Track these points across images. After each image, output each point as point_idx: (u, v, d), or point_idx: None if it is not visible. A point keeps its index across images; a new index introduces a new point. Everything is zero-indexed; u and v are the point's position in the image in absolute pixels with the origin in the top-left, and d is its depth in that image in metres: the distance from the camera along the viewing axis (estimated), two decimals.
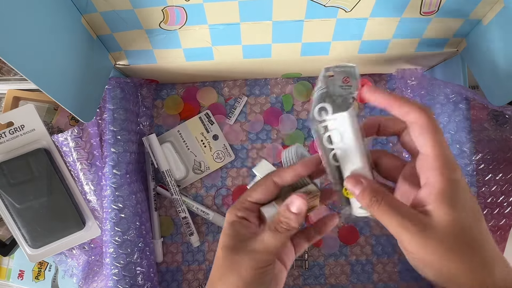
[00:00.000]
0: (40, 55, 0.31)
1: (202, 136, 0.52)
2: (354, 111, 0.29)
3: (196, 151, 0.52)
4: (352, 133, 0.29)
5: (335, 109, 0.29)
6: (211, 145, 0.52)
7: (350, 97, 0.30)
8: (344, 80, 0.30)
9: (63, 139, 0.45)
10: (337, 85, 0.30)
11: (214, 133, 0.52)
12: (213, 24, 0.38)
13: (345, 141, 0.29)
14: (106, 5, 0.35)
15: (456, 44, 0.43)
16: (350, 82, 0.30)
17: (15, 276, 0.52)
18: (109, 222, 0.44)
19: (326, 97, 0.30)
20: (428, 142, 0.26)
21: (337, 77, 0.30)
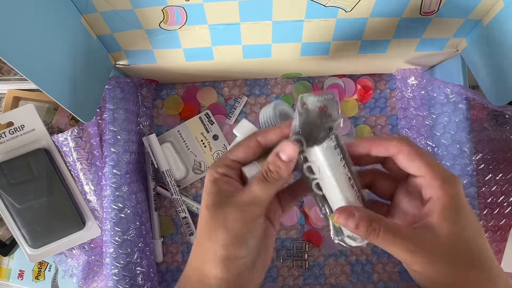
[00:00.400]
0: (40, 55, 0.31)
1: (202, 136, 0.52)
2: (332, 142, 0.28)
3: (196, 151, 0.52)
4: (328, 167, 0.28)
5: (309, 142, 0.28)
6: (211, 145, 0.52)
7: (326, 128, 0.28)
8: (321, 109, 0.28)
9: (63, 139, 0.45)
10: (314, 116, 0.28)
11: (214, 133, 0.52)
12: (213, 24, 0.38)
13: (323, 174, 0.28)
14: (106, 5, 0.35)
15: (456, 44, 0.43)
16: (329, 111, 0.28)
17: (15, 276, 0.52)
18: (109, 222, 0.44)
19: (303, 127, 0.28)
20: (421, 166, 0.26)
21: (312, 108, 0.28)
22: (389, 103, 0.52)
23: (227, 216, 0.27)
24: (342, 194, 0.28)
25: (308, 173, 0.28)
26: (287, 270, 0.51)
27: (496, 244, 0.45)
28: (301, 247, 0.50)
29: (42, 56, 0.32)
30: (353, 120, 0.52)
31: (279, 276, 0.50)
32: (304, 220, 0.51)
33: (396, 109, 0.52)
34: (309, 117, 0.28)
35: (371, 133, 0.52)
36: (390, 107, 0.52)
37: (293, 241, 0.51)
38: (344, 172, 0.28)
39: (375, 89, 0.52)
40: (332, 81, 0.52)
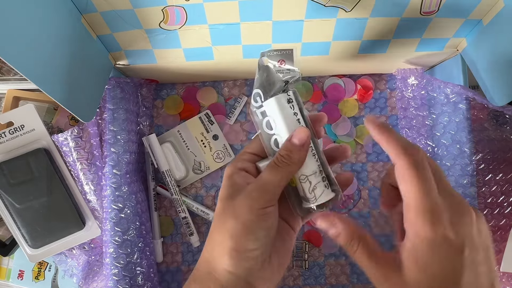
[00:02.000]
0: (40, 55, 0.31)
1: (202, 136, 0.52)
2: (286, 96, 0.28)
3: (196, 151, 0.52)
4: (282, 119, 0.28)
5: (268, 95, 0.28)
6: (211, 145, 0.52)
7: (283, 81, 0.29)
8: (280, 63, 0.29)
9: (63, 139, 0.45)
10: (273, 70, 0.29)
11: (214, 133, 0.52)
12: (213, 24, 0.38)
13: (278, 127, 0.28)
14: (106, 5, 0.35)
15: (456, 44, 0.43)
16: (286, 64, 0.29)
17: (15, 276, 0.52)
18: (109, 222, 0.44)
19: (262, 82, 0.29)
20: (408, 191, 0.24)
21: (272, 61, 0.29)
22: (389, 103, 0.52)
23: (236, 205, 0.27)
24: None
25: (267, 128, 0.29)
26: (287, 270, 0.51)
27: (496, 244, 0.45)
28: (301, 247, 0.50)
29: (42, 56, 0.32)
30: (353, 120, 0.52)
31: None
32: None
33: (396, 109, 0.52)
34: (268, 71, 0.29)
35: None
36: (390, 107, 0.52)
37: None
38: (297, 126, 0.28)
39: (375, 89, 0.52)
40: (332, 81, 0.52)
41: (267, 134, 0.29)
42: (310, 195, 0.28)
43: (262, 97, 0.28)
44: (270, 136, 0.29)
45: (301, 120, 0.28)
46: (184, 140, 0.52)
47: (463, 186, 0.42)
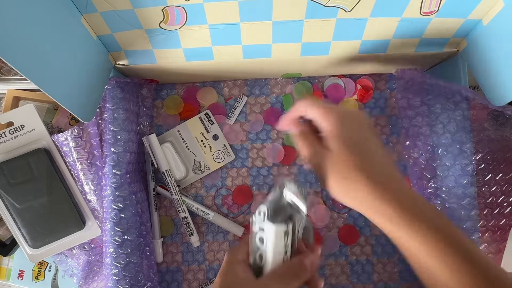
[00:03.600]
0: (40, 55, 0.31)
1: (202, 136, 0.52)
2: (285, 227, 0.31)
3: (196, 151, 0.52)
4: (272, 247, 0.31)
5: (270, 217, 0.31)
6: (211, 145, 0.52)
7: (288, 214, 0.32)
8: (293, 197, 0.33)
9: (63, 139, 0.45)
10: (285, 200, 0.33)
11: (214, 133, 0.52)
12: (213, 24, 0.38)
13: (266, 247, 0.31)
14: (106, 5, 0.35)
15: (456, 44, 0.43)
16: (298, 202, 0.32)
17: (15, 276, 0.52)
18: (109, 222, 0.44)
19: (272, 203, 0.32)
20: (309, 113, 0.33)
21: (288, 191, 0.33)
22: (389, 103, 0.52)
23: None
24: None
25: (259, 242, 0.32)
26: None
27: (496, 244, 0.45)
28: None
29: (42, 56, 0.32)
30: None
31: None
32: None
33: (396, 109, 0.52)
34: (281, 198, 0.33)
35: None
36: (390, 107, 0.52)
37: None
38: (283, 257, 0.32)
39: (375, 89, 0.52)
40: (332, 81, 0.52)
41: (256, 246, 0.32)
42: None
43: (266, 215, 0.32)
44: (257, 249, 0.32)
45: (288, 252, 0.32)
46: (184, 140, 0.52)
47: (463, 186, 0.42)
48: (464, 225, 0.42)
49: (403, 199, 0.29)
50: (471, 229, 0.42)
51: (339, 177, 0.30)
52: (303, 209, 0.32)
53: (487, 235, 0.45)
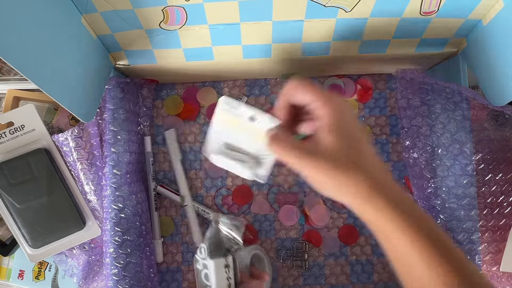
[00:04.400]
0: (40, 55, 0.31)
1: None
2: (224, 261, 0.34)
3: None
4: (215, 281, 0.33)
5: (210, 253, 0.34)
6: None
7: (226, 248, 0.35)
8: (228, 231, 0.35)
9: (63, 139, 0.45)
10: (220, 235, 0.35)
11: None
12: (213, 24, 0.38)
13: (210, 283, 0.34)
14: (106, 5, 0.35)
15: (456, 44, 0.43)
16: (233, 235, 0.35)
17: (15, 276, 0.52)
18: (109, 222, 0.44)
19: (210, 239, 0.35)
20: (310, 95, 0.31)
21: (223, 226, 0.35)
22: (389, 103, 0.52)
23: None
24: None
25: (205, 279, 0.35)
26: (287, 270, 0.51)
27: (496, 244, 0.45)
28: (301, 247, 0.50)
29: (42, 56, 0.32)
30: None
31: (279, 276, 0.50)
32: (304, 220, 0.51)
33: (396, 109, 0.52)
34: (218, 233, 0.36)
35: (371, 133, 0.52)
36: (390, 107, 0.52)
37: (293, 241, 0.51)
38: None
39: (375, 89, 0.52)
40: (332, 81, 0.52)
41: (204, 283, 0.35)
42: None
43: (206, 251, 0.35)
44: (205, 285, 0.35)
45: (232, 284, 0.34)
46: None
47: (463, 186, 0.42)
48: (464, 225, 0.42)
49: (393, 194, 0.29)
50: (471, 229, 0.42)
51: (336, 173, 0.29)
52: (239, 240, 0.35)
53: (487, 235, 0.45)
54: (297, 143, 0.31)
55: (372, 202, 0.29)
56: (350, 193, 0.29)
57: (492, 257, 0.45)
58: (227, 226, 0.35)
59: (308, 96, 0.31)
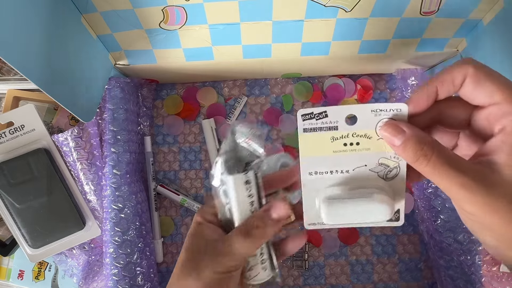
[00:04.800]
0: (40, 55, 0.31)
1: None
2: (244, 178, 0.27)
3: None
4: (234, 199, 0.28)
5: (228, 168, 0.28)
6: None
7: (244, 162, 0.29)
8: (246, 141, 0.28)
9: (63, 139, 0.45)
10: (238, 147, 0.29)
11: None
12: (213, 24, 0.38)
13: (230, 202, 0.28)
14: (106, 5, 0.35)
15: (456, 44, 0.43)
16: (253, 146, 0.28)
17: (15, 276, 0.52)
18: (109, 222, 0.44)
19: (226, 152, 0.29)
20: (493, 91, 0.21)
21: (241, 136, 0.28)
22: None
23: (201, 263, 0.26)
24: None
25: (223, 196, 0.29)
26: (287, 270, 0.51)
27: None
28: (301, 247, 0.50)
29: (42, 56, 0.32)
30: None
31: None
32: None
33: None
34: (234, 146, 0.29)
35: None
36: None
37: None
38: (250, 209, 0.28)
39: (375, 89, 0.52)
40: (332, 81, 0.52)
41: (223, 200, 0.29)
42: (246, 273, 0.29)
43: (223, 166, 0.28)
44: (225, 203, 0.29)
45: (255, 202, 0.28)
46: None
47: None
48: (464, 225, 0.42)
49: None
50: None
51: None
52: (259, 151, 0.28)
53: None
54: (456, 156, 0.21)
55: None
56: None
57: (493, 257, 0.45)
58: (245, 136, 0.28)
59: (497, 94, 0.21)
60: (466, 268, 0.42)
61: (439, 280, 0.46)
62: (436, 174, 0.21)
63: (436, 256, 0.45)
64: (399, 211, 0.27)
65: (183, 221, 0.51)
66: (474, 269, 0.41)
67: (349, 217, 0.25)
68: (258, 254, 0.29)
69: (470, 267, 0.42)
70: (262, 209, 0.28)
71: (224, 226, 0.29)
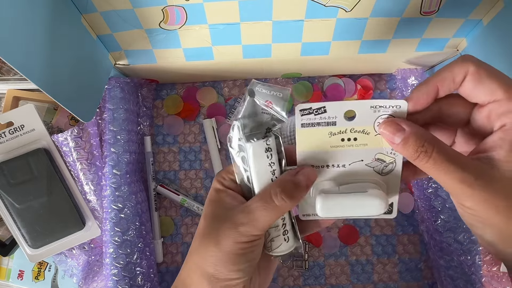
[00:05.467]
0: (40, 55, 0.31)
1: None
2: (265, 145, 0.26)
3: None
4: (255, 169, 0.26)
5: (246, 134, 0.26)
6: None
7: (265, 127, 0.27)
8: (267, 104, 0.26)
9: (63, 139, 0.45)
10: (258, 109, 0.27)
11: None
12: (213, 24, 0.38)
13: (250, 170, 0.26)
14: (106, 4, 0.35)
15: (456, 44, 0.43)
16: (274, 109, 0.26)
17: (15, 276, 0.52)
18: (109, 222, 0.44)
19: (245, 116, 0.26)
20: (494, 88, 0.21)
21: (260, 98, 0.26)
22: None
23: (221, 232, 0.25)
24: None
25: (242, 162, 0.27)
26: (287, 270, 0.51)
27: None
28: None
29: (41, 56, 0.32)
30: None
31: (279, 277, 0.50)
32: None
33: None
34: (253, 109, 0.27)
35: None
36: None
37: None
38: (271, 178, 0.26)
39: (375, 89, 0.52)
40: (332, 81, 0.52)
41: (242, 167, 0.28)
42: (267, 244, 0.28)
43: (241, 131, 0.26)
44: (244, 170, 0.28)
45: (276, 171, 0.26)
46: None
47: None
48: (464, 225, 0.42)
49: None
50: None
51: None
52: (282, 114, 0.26)
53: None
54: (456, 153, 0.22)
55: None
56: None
57: (493, 257, 0.45)
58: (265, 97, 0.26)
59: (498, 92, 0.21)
60: (466, 268, 0.42)
61: (439, 280, 0.46)
62: (437, 170, 0.21)
63: (436, 256, 0.45)
64: (393, 204, 0.27)
65: (183, 221, 0.51)
66: (474, 269, 0.41)
67: (343, 211, 0.25)
68: (280, 224, 0.27)
69: (470, 267, 0.42)
70: (287, 172, 0.26)
71: (245, 192, 0.28)
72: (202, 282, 0.25)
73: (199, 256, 0.26)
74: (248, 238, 0.25)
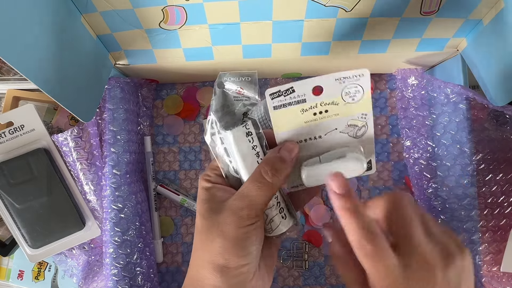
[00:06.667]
0: (40, 55, 0.31)
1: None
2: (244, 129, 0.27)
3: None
4: (238, 154, 0.27)
5: (224, 124, 0.27)
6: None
7: (241, 112, 0.27)
8: (238, 91, 0.27)
9: (63, 139, 0.45)
10: (231, 96, 0.27)
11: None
12: (213, 23, 0.38)
13: (234, 158, 0.27)
14: (106, 4, 0.35)
15: (456, 44, 0.43)
16: (246, 93, 0.27)
17: (15, 276, 0.52)
18: (109, 222, 0.44)
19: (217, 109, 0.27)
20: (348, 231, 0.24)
21: (230, 87, 0.27)
22: (389, 103, 0.52)
23: (222, 222, 0.26)
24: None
25: (225, 155, 0.28)
26: (287, 270, 0.51)
27: (497, 244, 0.45)
28: (301, 247, 0.50)
29: (42, 56, 0.32)
30: None
31: (279, 277, 0.50)
32: (304, 220, 0.51)
33: (396, 109, 0.52)
34: (225, 99, 0.28)
35: None
36: (390, 107, 0.52)
37: (293, 241, 0.51)
38: (256, 160, 0.27)
39: (375, 89, 0.52)
40: None
41: (226, 159, 0.28)
42: (267, 226, 0.28)
43: (217, 124, 0.27)
44: (229, 162, 0.28)
45: (260, 153, 0.28)
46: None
47: (463, 186, 0.42)
48: (464, 226, 0.42)
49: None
50: (472, 229, 0.42)
51: None
52: (255, 97, 0.27)
53: (487, 235, 0.45)
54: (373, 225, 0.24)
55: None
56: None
57: (493, 257, 0.45)
58: (235, 84, 0.27)
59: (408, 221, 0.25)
60: None
61: None
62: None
63: None
64: (371, 161, 0.29)
65: (183, 221, 0.51)
66: (474, 269, 0.41)
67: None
68: (275, 204, 0.28)
69: None
70: (272, 149, 0.27)
71: (232, 183, 0.29)
72: (215, 275, 0.25)
73: (205, 251, 0.26)
74: (250, 220, 0.26)
